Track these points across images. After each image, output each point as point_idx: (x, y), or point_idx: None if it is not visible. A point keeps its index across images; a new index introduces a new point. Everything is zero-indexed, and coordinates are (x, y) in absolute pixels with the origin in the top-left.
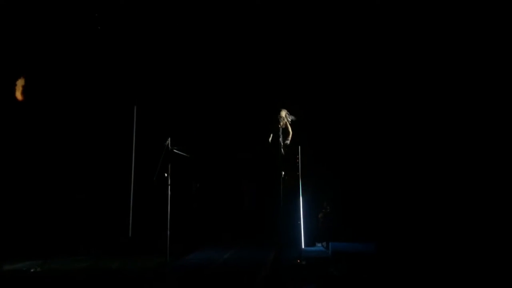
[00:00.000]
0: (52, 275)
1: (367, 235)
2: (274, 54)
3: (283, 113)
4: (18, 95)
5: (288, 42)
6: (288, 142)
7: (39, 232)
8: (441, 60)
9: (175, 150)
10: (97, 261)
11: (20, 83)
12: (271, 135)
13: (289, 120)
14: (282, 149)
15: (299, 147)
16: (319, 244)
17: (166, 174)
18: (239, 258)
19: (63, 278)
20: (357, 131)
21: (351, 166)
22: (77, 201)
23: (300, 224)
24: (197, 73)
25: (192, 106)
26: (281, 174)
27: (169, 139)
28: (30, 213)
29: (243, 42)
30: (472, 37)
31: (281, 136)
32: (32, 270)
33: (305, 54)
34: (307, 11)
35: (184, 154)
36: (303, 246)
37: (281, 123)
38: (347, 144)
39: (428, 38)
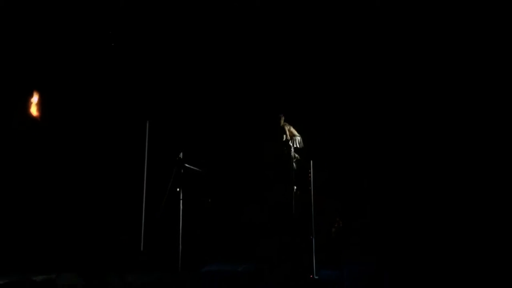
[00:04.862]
0: None
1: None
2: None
3: (287, 127)
4: (33, 111)
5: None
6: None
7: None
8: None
9: (187, 165)
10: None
11: (34, 100)
12: (284, 136)
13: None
14: (294, 164)
15: (311, 161)
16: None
17: (178, 189)
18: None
19: None
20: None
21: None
22: (87, 216)
23: (312, 239)
24: (211, 88)
25: (205, 120)
26: (293, 188)
27: (182, 153)
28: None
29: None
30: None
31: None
32: None
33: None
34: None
35: (197, 169)
36: (315, 262)
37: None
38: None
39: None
